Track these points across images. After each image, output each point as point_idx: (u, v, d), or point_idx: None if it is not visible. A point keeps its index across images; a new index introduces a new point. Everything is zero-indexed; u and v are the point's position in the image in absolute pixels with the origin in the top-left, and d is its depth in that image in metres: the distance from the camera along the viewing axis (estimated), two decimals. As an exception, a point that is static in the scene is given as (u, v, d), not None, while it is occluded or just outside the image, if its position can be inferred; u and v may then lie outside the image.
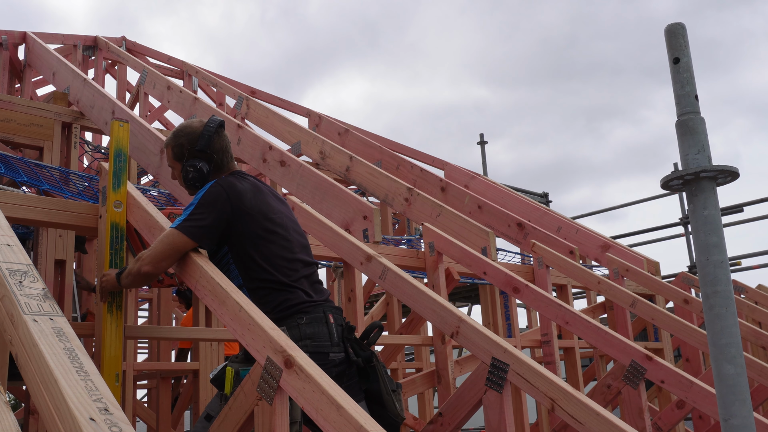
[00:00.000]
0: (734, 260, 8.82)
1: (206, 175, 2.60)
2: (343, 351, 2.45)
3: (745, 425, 1.65)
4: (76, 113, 4.57)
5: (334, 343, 2.43)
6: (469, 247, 3.91)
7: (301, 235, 2.66)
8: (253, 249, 2.45)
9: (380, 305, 5.58)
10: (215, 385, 2.46)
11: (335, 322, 2.47)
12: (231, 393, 2.31)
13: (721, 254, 1.73)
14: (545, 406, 2.48)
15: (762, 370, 3.70)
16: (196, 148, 2.60)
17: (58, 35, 7.39)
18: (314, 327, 2.41)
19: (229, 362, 2.42)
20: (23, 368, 1.54)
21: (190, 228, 2.41)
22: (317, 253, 3.50)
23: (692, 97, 1.79)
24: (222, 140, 2.65)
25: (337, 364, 2.41)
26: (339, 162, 4.82)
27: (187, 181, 2.61)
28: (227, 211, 2.44)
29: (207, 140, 2.60)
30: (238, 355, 2.45)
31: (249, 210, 2.47)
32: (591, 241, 6.09)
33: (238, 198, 2.47)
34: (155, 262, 2.40)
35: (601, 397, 3.79)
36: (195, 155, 2.61)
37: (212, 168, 2.63)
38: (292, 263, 2.50)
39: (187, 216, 2.43)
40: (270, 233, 2.49)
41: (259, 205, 2.51)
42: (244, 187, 2.52)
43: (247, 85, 7.76)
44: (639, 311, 4.44)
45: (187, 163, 2.61)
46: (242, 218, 2.46)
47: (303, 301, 2.45)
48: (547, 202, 10.67)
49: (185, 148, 2.62)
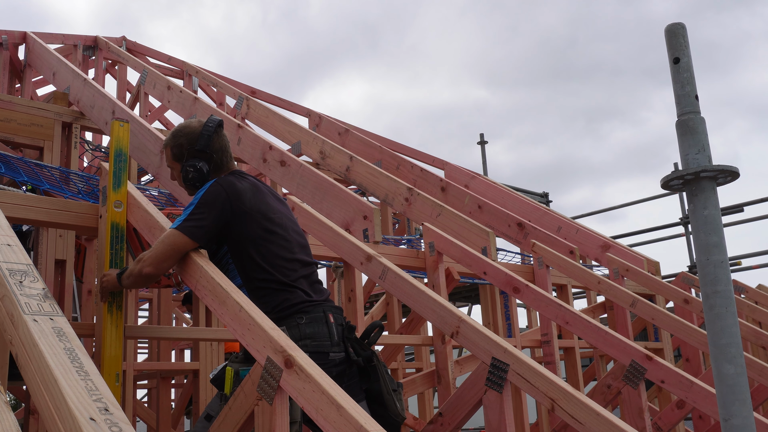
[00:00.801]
0: (734, 260, 8.82)
1: (206, 174, 2.59)
2: (344, 351, 2.45)
3: (745, 425, 1.65)
4: (77, 113, 4.57)
5: (334, 342, 2.42)
6: (469, 247, 3.91)
7: (300, 235, 2.65)
8: (253, 249, 2.45)
9: (380, 305, 5.58)
10: (215, 385, 2.46)
11: (335, 322, 2.47)
12: (231, 393, 2.31)
13: (721, 254, 1.73)
14: (545, 406, 2.48)
15: (762, 370, 3.70)
16: (196, 148, 2.60)
17: (59, 35, 7.39)
18: (314, 327, 2.40)
19: (228, 362, 2.42)
20: (23, 368, 1.54)
21: (190, 228, 2.40)
22: (317, 253, 3.51)
23: (692, 96, 1.79)
24: (221, 140, 2.65)
25: (337, 364, 2.41)
26: (339, 162, 4.82)
27: (187, 181, 2.61)
28: (227, 210, 2.44)
29: (206, 140, 2.60)
30: (237, 354, 2.45)
31: (248, 210, 2.47)
32: (591, 241, 6.09)
33: (238, 197, 2.47)
34: (157, 263, 2.40)
35: (601, 397, 3.79)
36: (194, 155, 2.61)
37: (212, 168, 2.62)
38: (291, 263, 2.50)
39: (188, 216, 2.43)
40: (269, 233, 2.49)
41: (259, 204, 2.51)
42: (244, 187, 2.52)
43: (247, 85, 7.76)
44: (639, 311, 4.44)
45: (186, 163, 2.61)
46: (241, 218, 2.46)
47: (302, 300, 2.44)
48: (547, 202, 10.67)
49: (184, 148, 2.62)
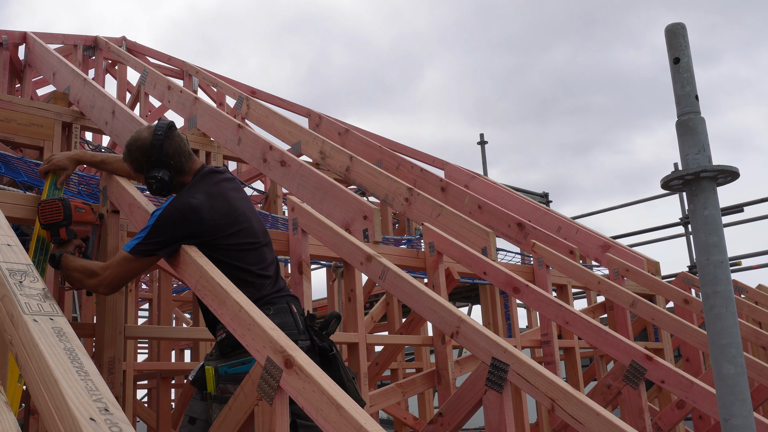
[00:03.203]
0: (734, 260, 8.82)
1: (169, 182, 2.59)
2: (309, 339, 2.51)
3: (745, 425, 1.65)
4: (77, 113, 4.56)
5: (300, 331, 2.49)
6: (469, 247, 3.91)
7: (260, 223, 2.69)
8: (220, 253, 2.47)
9: (380, 305, 5.58)
10: (196, 386, 2.50)
11: (297, 312, 2.55)
12: (215, 391, 2.36)
13: (721, 254, 1.73)
14: (545, 406, 2.48)
15: (762, 370, 3.70)
16: (151, 159, 2.57)
17: (59, 35, 7.39)
18: (281, 317, 2.47)
19: (205, 361, 2.48)
20: (23, 368, 1.54)
21: (145, 252, 2.44)
22: (317, 253, 3.51)
23: (692, 97, 1.79)
24: (174, 143, 2.60)
25: (305, 352, 2.45)
26: (339, 162, 4.82)
27: (155, 192, 2.62)
28: (187, 231, 2.44)
29: (159, 150, 2.56)
30: (212, 353, 2.49)
31: (209, 222, 2.47)
32: (591, 241, 6.09)
33: (196, 214, 2.45)
34: (113, 286, 2.50)
35: (601, 397, 3.79)
36: (152, 166, 2.58)
37: (173, 173, 2.60)
38: (259, 256, 2.56)
39: (142, 240, 2.44)
40: (236, 235, 2.51)
41: (219, 210, 2.51)
42: (200, 201, 2.49)
43: (247, 85, 7.75)
44: (639, 311, 4.44)
45: (148, 176, 2.59)
46: (205, 232, 2.46)
47: (269, 292, 2.51)
48: (547, 202, 10.67)
49: (141, 162, 2.60)
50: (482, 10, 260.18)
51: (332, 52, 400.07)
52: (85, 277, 2.49)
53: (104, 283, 2.45)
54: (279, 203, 6.03)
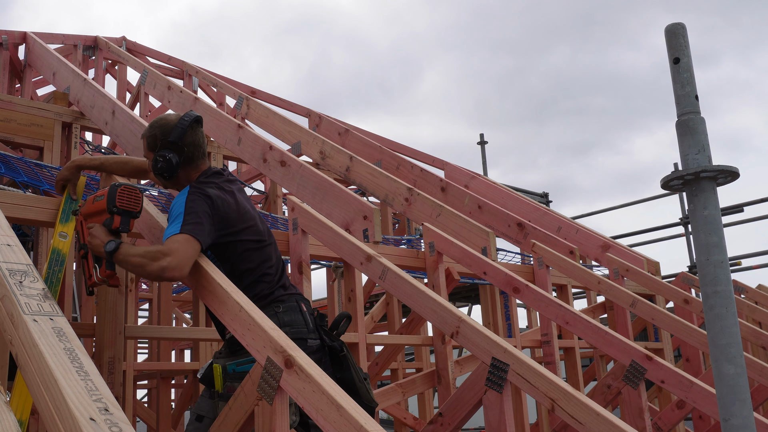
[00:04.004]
0: (734, 260, 8.82)
1: (174, 166, 2.57)
2: (318, 338, 2.52)
3: (745, 425, 1.65)
4: (77, 113, 4.56)
5: (310, 329, 2.50)
6: (469, 247, 3.91)
7: (264, 223, 2.70)
8: (230, 250, 2.49)
9: (380, 305, 5.58)
10: (204, 384, 2.49)
11: (307, 311, 2.56)
12: (222, 389, 2.35)
13: (721, 254, 1.73)
14: (545, 406, 2.48)
15: (762, 370, 3.70)
16: (169, 139, 2.57)
17: (59, 35, 7.39)
18: (291, 315, 2.48)
19: (214, 359, 2.47)
20: (23, 368, 1.54)
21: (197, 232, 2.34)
22: (317, 253, 3.51)
23: (692, 97, 1.79)
24: (195, 135, 2.62)
25: (314, 351, 2.47)
26: (339, 162, 4.82)
27: (156, 170, 2.60)
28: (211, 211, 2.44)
29: (179, 132, 2.57)
30: (221, 350, 2.49)
31: (222, 213, 2.48)
32: (591, 241, 6.09)
33: (212, 201, 2.46)
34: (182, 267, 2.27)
35: (601, 397, 3.79)
36: (166, 146, 2.58)
37: (182, 160, 2.59)
38: (266, 255, 2.57)
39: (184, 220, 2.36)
40: (243, 232, 2.53)
41: (229, 205, 2.52)
42: (214, 193, 2.49)
43: (247, 85, 7.76)
44: (639, 311, 4.44)
45: (157, 153, 2.59)
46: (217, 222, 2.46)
47: (278, 291, 2.53)
48: (547, 202, 10.66)
49: (158, 138, 2.60)
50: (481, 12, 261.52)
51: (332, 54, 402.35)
52: (149, 261, 2.28)
53: (173, 264, 2.25)
54: (279, 203, 6.03)
